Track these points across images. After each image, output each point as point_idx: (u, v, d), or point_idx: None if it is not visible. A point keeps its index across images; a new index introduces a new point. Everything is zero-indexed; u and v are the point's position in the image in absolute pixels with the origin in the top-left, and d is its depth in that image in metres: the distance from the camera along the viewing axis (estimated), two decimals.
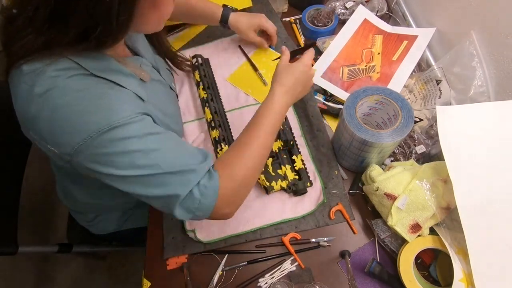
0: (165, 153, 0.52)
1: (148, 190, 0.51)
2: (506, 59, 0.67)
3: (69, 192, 0.78)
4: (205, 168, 0.54)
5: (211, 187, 0.53)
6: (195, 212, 0.53)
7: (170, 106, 0.71)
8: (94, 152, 0.48)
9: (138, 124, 0.51)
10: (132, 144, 0.49)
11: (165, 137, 0.54)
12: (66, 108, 0.47)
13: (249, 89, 0.89)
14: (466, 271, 0.57)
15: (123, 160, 0.49)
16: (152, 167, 0.50)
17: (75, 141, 0.47)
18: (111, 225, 0.88)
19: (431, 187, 0.62)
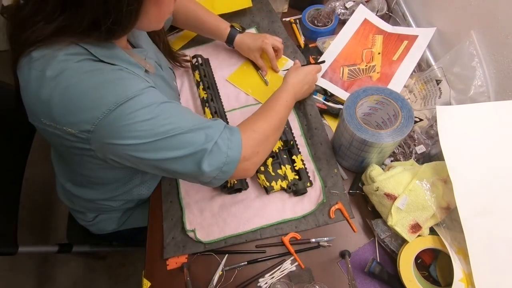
0: (181, 116, 0.54)
1: (174, 152, 0.52)
2: (506, 59, 0.67)
3: (68, 192, 0.78)
4: (221, 123, 0.58)
5: (234, 139, 0.57)
6: (222, 168, 0.55)
7: None
8: (115, 125, 0.49)
9: (152, 93, 0.52)
10: (150, 112, 0.50)
11: (176, 105, 0.56)
12: (80, 85, 0.48)
13: (249, 89, 0.89)
14: (466, 271, 0.57)
15: (145, 128, 0.50)
16: (173, 129, 0.52)
17: (94, 116, 0.48)
18: (111, 225, 0.88)
19: (431, 187, 0.62)
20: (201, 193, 0.75)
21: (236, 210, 0.72)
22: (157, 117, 0.51)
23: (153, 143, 0.51)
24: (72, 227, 0.98)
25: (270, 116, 0.66)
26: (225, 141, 0.55)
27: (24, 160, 0.98)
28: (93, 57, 0.50)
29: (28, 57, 0.50)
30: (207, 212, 0.72)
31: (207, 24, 0.89)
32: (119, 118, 0.48)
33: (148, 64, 0.64)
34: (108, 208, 0.83)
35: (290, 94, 0.73)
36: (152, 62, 0.68)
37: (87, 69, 0.49)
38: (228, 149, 0.55)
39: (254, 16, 1.02)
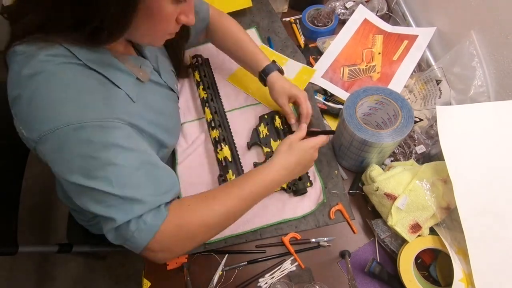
0: (124, 172, 0.48)
1: (88, 203, 0.48)
2: (506, 59, 0.67)
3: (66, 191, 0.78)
4: (156, 202, 0.51)
5: (150, 225, 0.49)
6: (126, 243, 0.50)
7: (167, 106, 0.70)
8: (56, 146, 0.47)
9: (111, 131, 0.49)
10: (95, 150, 0.47)
11: (134, 156, 0.50)
12: (46, 95, 0.47)
13: (249, 89, 0.89)
14: (466, 271, 0.57)
15: (79, 163, 0.47)
16: (104, 181, 0.47)
17: (42, 129, 0.46)
18: None
19: (431, 187, 0.62)
20: None
21: None
22: (98, 159, 0.47)
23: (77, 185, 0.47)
24: (72, 227, 0.98)
25: (211, 210, 0.54)
26: (138, 222, 0.49)
27: (24, 160, 0.98)
28: (76, 60, 0.49)
29: (12, 51, 0.49)
30: None
31: (247, 51, 0.80)
32: (63, 141, 0.46)
33: (142, 72, 0.61)
34: None
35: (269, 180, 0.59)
36: (149, 70, 0.64)
37: (61, 77, 0.47)
38: (136, 231, 0.49)
39: (254, 16, 1.02)
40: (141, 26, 0.50)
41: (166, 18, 0.51)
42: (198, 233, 0.54)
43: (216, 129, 0.79)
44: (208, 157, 0.79)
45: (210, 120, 0.81)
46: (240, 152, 0.78)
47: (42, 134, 0.46)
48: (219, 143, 0.77)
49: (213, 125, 0.80)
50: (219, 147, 0.76)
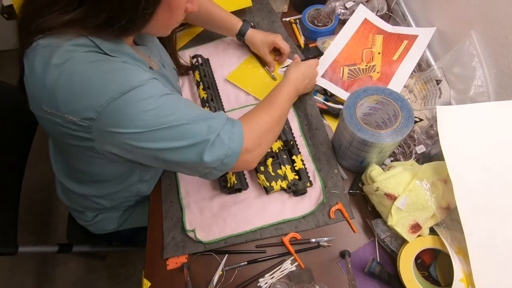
0: (184, 107, 0.55)
1: (175, 142, 0.53)
2: (506, 59, 0.67)
3: (67, 189, 0.78)
4: (223, 115, 0.58)
5: (236, 131, 0.57)
6: (224, 160, 0.56)
7: None
8: (117, 114, 0.49)
9: (155, 85, 0.53)
10: (153, 102, 0.51)
11: (178, 97, 0.57)
12: (86, 73, 0.49)
13: (248, 87, 0.89)
14: (466, 271, 0.57)
15: (147, 117, 0.50)
16: (176, 120, 0.52)
17: (97, 104, 0.48)
18: (111, 225, 0.88)
19: (431, 187, 0.62)
20: (201, 193, 0.75)
21: (236, 210, 0.72)
22: (160, 108, 0.51)
23: (155, 132, 0.51)
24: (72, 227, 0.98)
25: (272, 108, 0.67)
26: (227, 133, 0.56)
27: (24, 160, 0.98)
28: (99, 49, 0.51)
29: (35, 44, 0.50)
30: (207, 212, 0.72)
31: (218, 17, 0.90)
32: (122, 107, 0.49)
33: (153, 61, 0.65)
34: (107, 207, 0.83)
35: (291, 88, 0.74)
36: (156, 61, 0.68)
37: (93, 59, 0.50)
38: (230, 141, 0.56)
39: (254, 16, 1.02)
40: (160, 19, 0.54)
41: (181, 8, 0.56)
42: (271, 126, 0.65)
43: None
44: None
45: None
46: None
47: (99, 109, 0.48)
48: None
49: None
50: None
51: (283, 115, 0.70)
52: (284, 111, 0.70)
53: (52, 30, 0.50)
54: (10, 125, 0.90)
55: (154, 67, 0.65)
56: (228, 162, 0.57)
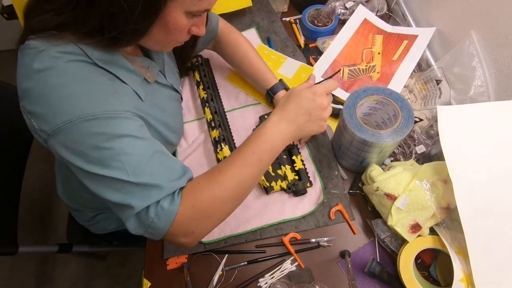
0: (138, 160, 0.49)
1: (107, 192, 0.49)
2: (506, 59, 0.67)
3: (68, 189, 0.78)
4: (173, 188, 0.51)
5: (167, 211, 0.49)
6: (147, 229, 0.50)
7: (172, 106, 0.71)
8: (69, 138, 0.48)
9: (122, 122, 0.50)
10: (108, 141, 0.48)
11: (146, 144, 0.52)
12: (58, 89, 0.47)
13: (248, 89, 0.89)
14: (466, 271, 0.57)
15: (94, 155, 0.48)
16: (119, 170, 0.48)
17: (55, 122, 0.47)
18: (110, 224, 0.88)
19: (431, 187, 0.62)
20: None
21: (236, 210, 0.71)
22: (111, 150, 0.48)
23: (94, 174, 0.48)
24: (72, 227, 0.98)
25: (219, 182, 0.53)
26: (157, 208, 0.49)
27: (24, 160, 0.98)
28: (87, 58, 0.50)
29: (26, 43, 0.50)
30: None
31: (255, 67, 0.81)
32: (77, 133, 0.47)
33: (149, 73, 0.62)
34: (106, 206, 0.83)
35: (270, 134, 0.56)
36: (155, 71, 0.65)
37: (72, 73, 0.48)
38: (155, 216, 0.49)
39: (254, 16, 1.02)
40: (155, 36, 0.52)
41: (180, 30, 0.53)
42: (213, 210, 0.53)
43: (216, 129, 0.79)
44: (208, 157, 0.79)
45: (210, 120, 0.81)
46: None
47: (55, 127, 0.47)
48: (219, 143, 0.77)
49: (213, 125, 0.80)
50: (219, 147, 0.76)
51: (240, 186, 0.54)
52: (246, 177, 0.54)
53: (45, 32, 0.49)
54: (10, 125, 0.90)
55: (150, 79, 0.62)
56: (153, 234, 0.51)
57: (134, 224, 0.50)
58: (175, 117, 0.72)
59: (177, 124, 0.73)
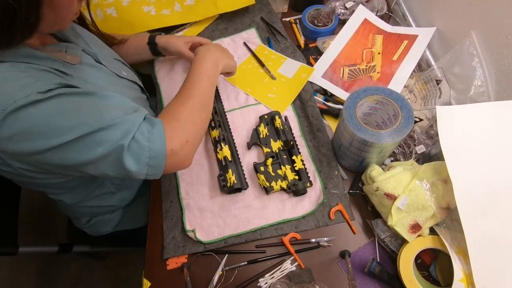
0: (90, 110, 0.49)
1: (88, 153, 0.48)
2: (506, 59, 0.67)
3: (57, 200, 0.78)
4: (139, 116, 0.52)
5: (156, 131, 0.52)
6: (149, 163, 0.51)
7: (114, 88, 0.68)
8: (12, 131, 0.46)
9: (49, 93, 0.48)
10: (48, 109, 0.46)
11: (86, 97, 0.51)
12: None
13: (247, 88, 0.89)
14: (466, 271, 0.57)
15: (46, 129, 0.46)
16: (80, 127, 0.47)
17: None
18: (105, 227, 0.87)
19: (431, 187, 0.62)
20: (201, 193, 0.75)
21: (236, 210, 0.72)
22: (57, 115, 0.47)
23: (62, 145, 0.47)
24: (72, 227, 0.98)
25: (190, 98, 0.62)
26: (145, 135, 0.51)
27: None
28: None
29: None
30: (207, 212, 0.72)
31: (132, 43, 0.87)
32: (15, 121, 0.45)
33: (69, 56, 0.60)
34: (97, 211, 0.83)
35: (208, 64, 0.69)
36: (78, 52, 0.63)
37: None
38: (149, 142, 0.51)
39: (254, 16, 1.02)
40: (48, 17, 0.50)
41: (69, 1, 0.52)
42: (194, 117, 0.60)
43: (216, 129, 0.79)
44: (208, 157, 0.79)
45: (210, 120, 0.81)
46: (240, 152, 0.78)
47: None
48: (219, 143, 0.77)
49: (213, 125, 0.80)
50: (219, 147, 0.76)
51: (207, 99, 0.66)
52: (206, 93, 0.66)
53: None
54: None
55: (73, 60, 0.59)
56: (155, 164, 0.52)
57: (134, 163, 0.51)
58: None
59: None
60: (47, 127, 0.47)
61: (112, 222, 0.87)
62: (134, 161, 0.51)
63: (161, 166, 0.54)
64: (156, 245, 0.70)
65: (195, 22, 1.03)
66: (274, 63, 0.92)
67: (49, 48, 0.58)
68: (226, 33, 1.01)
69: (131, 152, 0.50)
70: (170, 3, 1.04)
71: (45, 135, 0.47)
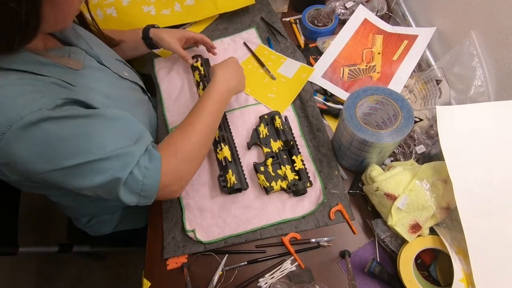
0: (94, 136, 0.50)
1: (86, 180, 0.49)
2: (506, 59, 0.67)
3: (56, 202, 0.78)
4: (141, 148, 0.54)
5: (152, 167, 0.53)
6: (141, 194, 0.53)
7: (116, 91, 0.68)
8: (15, 149, 0.46)
9: (56, 111, 0.48)
10: (53, 131, 0.47)
11: (92, 120, 0.51)
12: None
13: (248, 88, 0.89)
14: (466, 271, 0.57)
15: (48, 151, 0.47)
16: (82, 154, 0.48)
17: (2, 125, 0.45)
18: (106, 227, 0.87)
19: (431, 187, 0.62)
20: (201, 193, 0.75)
21: (236, 210, 0.72)
22: (60, 140, 0.47)
23: (62, 169, 0.48)
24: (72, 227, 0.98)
25: (194, 131, 0.62)
26: (141, 169, 0.52)
27: None
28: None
29: None
30: (207, 212, 0.72)
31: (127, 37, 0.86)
32: (18, 140, 0.45)
33: (72, 60, 0.60)
34: (97, 211, 0.83)
35: (223, 88, 0.69)
36: (81, 56, 0.63)
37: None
38: (144, 178, 0.52)
39: (254, 16, 1.02)
40: (50, 16, 0.49)
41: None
42: (194, 156, 0.61)
43: None
44: (208, 157, 0.79)
45: None
46: (240, 152, 0.78)
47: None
48: (219, 143, 0.77)
49: None
50: (219, 147, 0.76)
51: (210, 132, 0.65)
52: (211, 125, 0.65)
53: None
54: None
55: (75, 66, 0.59)
56: (147, 195, 0.54)
57: (127, 194, 0.52)
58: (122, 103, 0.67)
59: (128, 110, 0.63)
60: (49, 150, 0.47)
61: (112, 222, 0.87)
62: (128, 192, 0.53)
63: (152, 198, 0.56)
64: (156, 245, 0.70)
65: (195, 22, 1.03)
66: (274, 63, 0.92)
67: (52, 53, 0.58)
68: (226, 33, 1.01)
69: (127, 185, 0.52)
70: (170, 3, 1.04)
71: (46, 158, 0.47)
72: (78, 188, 0.51)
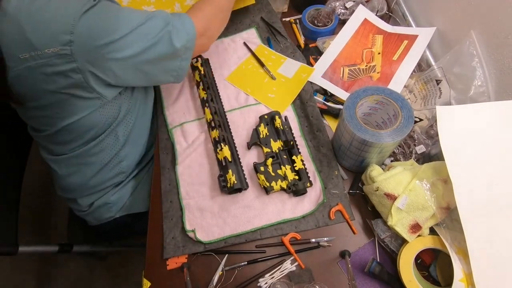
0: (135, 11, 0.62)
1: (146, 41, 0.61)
2: (506, 59, 0.67)
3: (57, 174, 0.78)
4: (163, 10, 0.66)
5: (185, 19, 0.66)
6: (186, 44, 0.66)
7: None
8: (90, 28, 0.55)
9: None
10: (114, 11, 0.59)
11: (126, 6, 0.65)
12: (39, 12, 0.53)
13: (247, 89, 0.89)
14: (466, 271, 0.57)
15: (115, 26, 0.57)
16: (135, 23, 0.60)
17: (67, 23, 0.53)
18: (107, 212, 0.86)
19: (431, 187, 0.62)
20: (201, 193, 0.75)
21: (236, 210, 0.72)
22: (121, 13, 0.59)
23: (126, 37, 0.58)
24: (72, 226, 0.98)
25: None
26: (178, 21, 0.65)
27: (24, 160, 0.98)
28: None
29: None
30: (207, 212, 0.72)
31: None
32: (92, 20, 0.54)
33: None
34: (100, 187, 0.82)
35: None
36: None
37: None
38: (184, 26, 0.65)
39: (254, 16, 1.02)
40: None
41: None
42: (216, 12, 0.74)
43: (216, 129, 0.79)
44: (208, 157, 0.79)
45: (210, 121, 0.81)
46: (240, 152, 0.78)
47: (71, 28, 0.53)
48: (219, 143, 0.77)
49: (213, 125, 0.80)
50: (219, 147, 0.76)
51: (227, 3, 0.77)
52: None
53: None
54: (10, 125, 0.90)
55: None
56: (190, 46, 0.67)
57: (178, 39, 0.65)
58: None
59: None
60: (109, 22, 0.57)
61: (112, 207, 0.86)
62: (179, 39, 0.64)
63: (192, 48, 0.68)
64: (156, 245, 0.70)
65: None
66: (274, 63, 0.92)
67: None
68: (226, 33, 1.01)
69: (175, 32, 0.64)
70: (170, 3, 1.04)
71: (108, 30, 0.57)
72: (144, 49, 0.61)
